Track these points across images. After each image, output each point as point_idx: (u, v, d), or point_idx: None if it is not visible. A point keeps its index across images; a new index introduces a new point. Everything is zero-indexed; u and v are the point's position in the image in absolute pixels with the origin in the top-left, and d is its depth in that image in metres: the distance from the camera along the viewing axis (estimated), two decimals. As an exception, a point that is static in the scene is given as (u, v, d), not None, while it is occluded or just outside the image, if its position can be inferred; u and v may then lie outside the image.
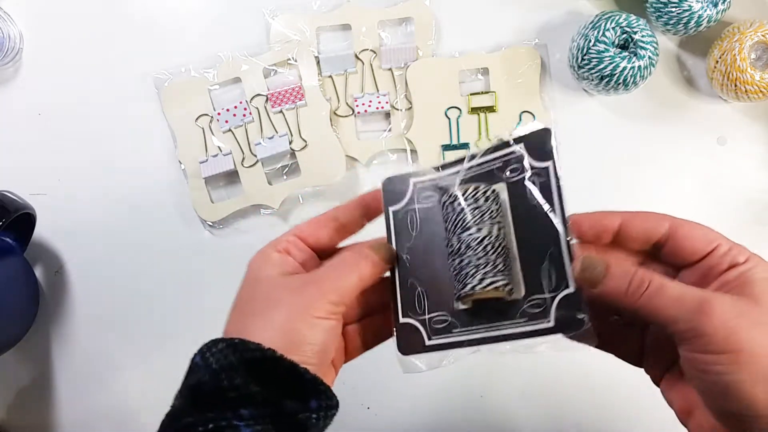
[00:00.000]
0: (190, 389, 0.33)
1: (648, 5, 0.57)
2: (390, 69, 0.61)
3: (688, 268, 0.33)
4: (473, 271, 0.32)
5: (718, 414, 0.30)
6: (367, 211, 0.39)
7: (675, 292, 0.29)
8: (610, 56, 0.55)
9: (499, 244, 0.33)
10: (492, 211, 0.33)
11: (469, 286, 0.32)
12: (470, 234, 0.33)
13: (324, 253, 0.38)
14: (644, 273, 0.30)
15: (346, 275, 0.34)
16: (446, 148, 0.61)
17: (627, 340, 0.36)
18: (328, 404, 0.33)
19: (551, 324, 0.32)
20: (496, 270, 0.32)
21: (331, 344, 0.34)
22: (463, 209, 0.33)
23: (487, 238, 0.33)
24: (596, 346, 0.35)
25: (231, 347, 0.32)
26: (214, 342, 0.33)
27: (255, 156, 0.60)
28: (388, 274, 0.37)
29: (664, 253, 0.33)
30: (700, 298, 0.29)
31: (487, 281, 0.32)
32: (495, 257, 0.32)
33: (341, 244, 0.39)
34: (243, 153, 0.60)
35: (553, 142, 0.34)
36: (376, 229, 0.39)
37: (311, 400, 0.32)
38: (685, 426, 0.34)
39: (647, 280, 0.30)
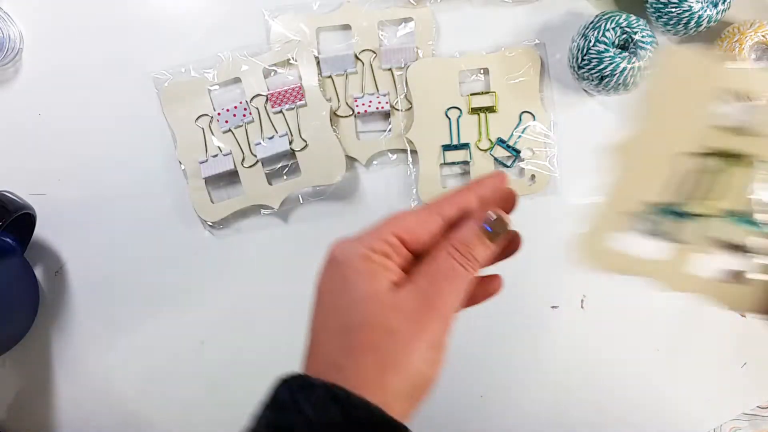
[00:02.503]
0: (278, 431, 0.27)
1: (648, 5, 0.57)
2: (390, 69, 0.61)
3: None
4: None
5: None
6: (482, 206, 0.32)
7: None
8: (610, 56, 0.55)
9: None
10: None
11: None
12: None
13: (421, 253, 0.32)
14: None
15: (454, 288, 0.30)
16: (446, 148, 0.61)
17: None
18: None
19: None
20: None
21: (441, 369, 0.31)
22: None
23: None
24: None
25: (333, 399, 0.27)
26: (309, 383, 0.28)
27: (255, 156, 0.60)
28: None
29: None
30: None
31: None
32: None
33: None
34: (243, 153, 0.60)
35: None
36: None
37: None
38: None
39: None
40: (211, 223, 0.61)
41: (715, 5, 0.55)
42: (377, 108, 0.60)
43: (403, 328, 0.28)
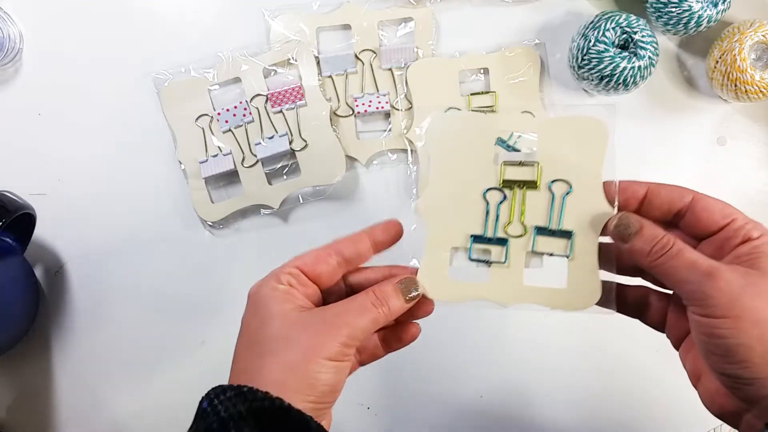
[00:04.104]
0: None
1: (648, 5, 0.57)
2: (390, 69, 0.61)
3: (706, 241, 0.35)
4: None
5: (720, 375, 0.32)
6: (375, 245, 0.38)
7: (691, 257, 0.32)
8: (610, 56, 0.55)
9: None
10: None
11: None
12: None
13: (325, 287, 0.38)
14: (669, 237, 0.33)
15: (360, 318, 0.34)
16: (446, 148, 0.60)
17: (651, 306, 0.38)
18: None
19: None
20: None
21: (342, 383, 0.35)
22: None
23: None
24: (623, 312, 0.38)
25: (240, 396, 0.31)
26: (223, 389, 0.32)
27: (255, 156, 0.60)
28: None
29: (684, 223, 0.36)
30: (711, 265, 0.31)
31: None
32: None
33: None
34: (243, 153, 0.60)
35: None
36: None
37: None
38: (695, 388, 0.36)
39: (670, 243, 0.33)
40: (211, 223, 0.61)
41: (715, 5, 0.55)
42: (377, 108, 0.60)
43: (303, 340, 0.33)
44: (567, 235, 0.41)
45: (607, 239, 0.38)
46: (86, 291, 0.62)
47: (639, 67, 0.55)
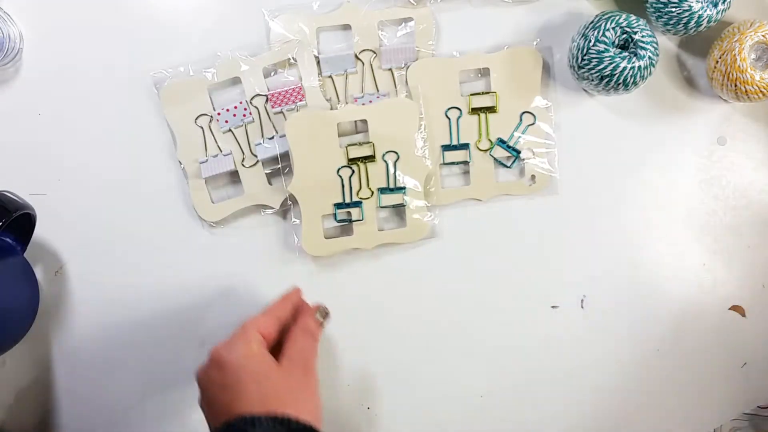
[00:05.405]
0: None
1: (648, 5, 0.57)
2: (390, 69, 0.61)
3: None
4: None
5: None
6: (294, 305, 0.51)
7: None
8: (610, 56, 0.55)
9: None
10: None
11: None
12: None
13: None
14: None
15: (315, 350, 0.48)
16: (446, 148, 0.61)
17: None
18: None
19: None
20: None
21: None
22: None
23: None
24: None
25: (282, 424, 0.39)
26: (258, 419, 0.39)
27: (255, 156, 0.60)
28: None
29: None
30: None
31: None
32: None
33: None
34: (243, 153, 0.60)
35: None
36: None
37: None
38: None
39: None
40: (211, 223, 0.61)
41: (715, 5, 0.55)
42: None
43: (294, 387, 0.44)
44: (401, 190, 0.59)
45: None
46: (86, 291, 0.62)
47: (639, 67, 0.55)
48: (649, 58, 0.55)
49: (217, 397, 0.43)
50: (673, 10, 0.55)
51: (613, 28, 0.55)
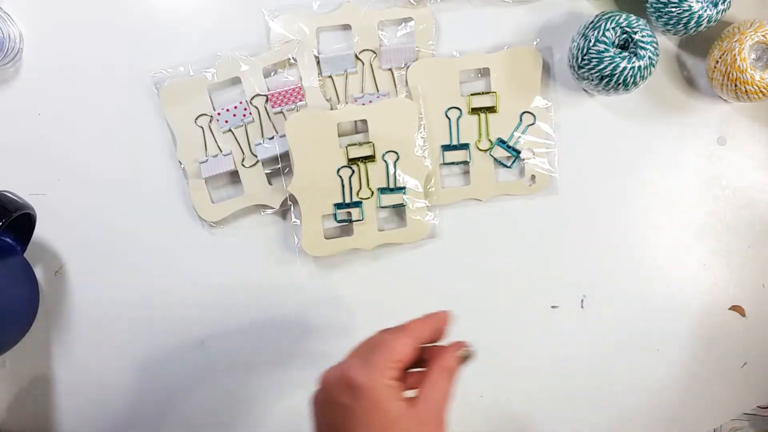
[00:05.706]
0: None
1: (648, 5, 0.57)
2: (390, 69, 0.61)
3: None
4: None
5: None
6: (435, 330, 0.44)
7: None
8: (610, 56, 0.55)
9: None
10: None
11: None
12: None
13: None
14: None
15: (451, 395, 0.42)
16: (446, 148, 0.61)
17: None
18: None
19: None
20: None
21: None
22: None
23: None
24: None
25: None
26: None
27: (255, 156, 0.60)
28: None
29: None
30: None
31: None
32: None
33: None
34: (243, 153, 0.60)
35: None
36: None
37: None
38: None
39: None
40: (211, 223, 0.61)
41: (715, 5, 0.55)
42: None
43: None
44: (401, 190, 0.58)
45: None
46: (86, 291, 0.62)
47: (639, 67, 0.55)
48: (649, 58, 0.55)
49: (336, 420, 0.38)
50: (673, 10, 0.55)
51: (613, 28, 0.55)
